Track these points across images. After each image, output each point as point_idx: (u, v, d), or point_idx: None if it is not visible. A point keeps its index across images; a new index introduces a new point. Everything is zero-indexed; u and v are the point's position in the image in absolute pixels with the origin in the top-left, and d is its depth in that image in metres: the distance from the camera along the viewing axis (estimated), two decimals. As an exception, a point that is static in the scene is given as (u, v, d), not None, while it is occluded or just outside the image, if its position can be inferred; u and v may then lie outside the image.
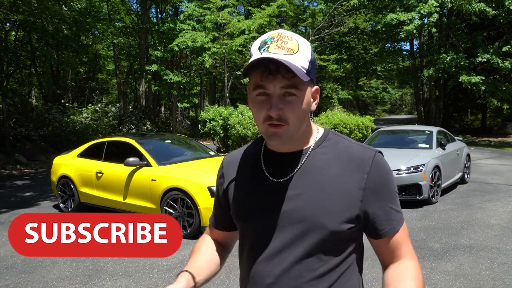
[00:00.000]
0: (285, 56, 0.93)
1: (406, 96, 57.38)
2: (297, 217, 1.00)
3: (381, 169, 1.03)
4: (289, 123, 0.96)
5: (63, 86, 23.90)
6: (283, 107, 0.95)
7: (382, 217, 1.03)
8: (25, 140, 15.02)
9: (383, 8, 20.07)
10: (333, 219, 0.99)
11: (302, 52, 0.96)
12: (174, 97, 20.67)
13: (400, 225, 1.05)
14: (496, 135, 20.84)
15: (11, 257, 4.64)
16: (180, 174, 5.41)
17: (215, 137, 12.35)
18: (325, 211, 0.99)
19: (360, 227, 1.04)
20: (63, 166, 6.84)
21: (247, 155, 1.14)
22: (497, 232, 5.16)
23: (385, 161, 1.05)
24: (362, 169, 1.01)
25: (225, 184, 1.16)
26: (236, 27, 16.43)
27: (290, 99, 0.95)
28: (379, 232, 1.04)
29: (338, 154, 1.04)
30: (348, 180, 1.01)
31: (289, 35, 0.97)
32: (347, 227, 1.00)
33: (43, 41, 14.93)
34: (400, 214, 1.06)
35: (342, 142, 1.07)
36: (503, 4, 16.11)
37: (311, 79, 0.98)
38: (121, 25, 25.14)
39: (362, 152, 1.04)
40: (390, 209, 1.03)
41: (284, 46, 0.95)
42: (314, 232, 0.99)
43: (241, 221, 1.10)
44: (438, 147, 7.55)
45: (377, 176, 1.01)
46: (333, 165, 1.02)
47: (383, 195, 1.02)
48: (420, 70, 20.98)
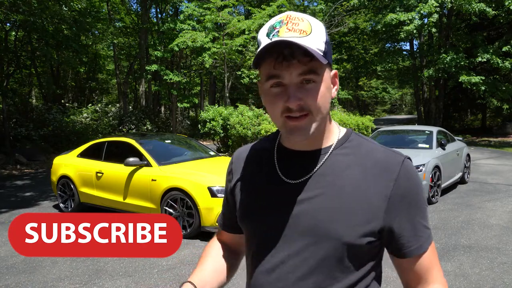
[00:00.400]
0: (299, 38, 0.82)
1: (406, 96, 57.38)
2: (308, 225, 0.88)
3: (411, 177, 0.90)
4: (312, 112, 0.85)
5: (63, 86, 23.90)
6: (303, 96, 0.84)
7: (409, 232, 0.89)
8: (25, 140, 15.02)
9: (383, 8, 20.06)
10: (351, 230, 0.86)
11: (316, 32, 0.85)
12: (174, 97, 20.67)
13: (428, 244, 0.91)
14: (496, 135, 20.84)
15: (11, 257, 4.64)
16: (180, 174, 5.41)
17: (215, 137, 12.35)
18: (341, 220, 0.87)
19: (382, 242, 0.91)
20: (63, 166, 6.84)
21: (259, 151, 1.03)
22: (497, 232, 5.17)
23: (414, 169, 0.93)
24: (388, 176, 0.88)
25: (233, 181, 1.05)
26: (236, 27, 16.42)
27: (310, 86, 0.84)
28: (405, 250, 0.90)
29: (361, 157, 0.92)
30: (372, 186, 0.88)
31: (300, 16, 0.86)
32: (366, 240, 0.87)
33: (43, 41, 14.93)
34: (429, 230, 0.92)
35: (366, 145, 0.95)
36: (503, 4, 16.11)
37: (329, 62, 0.87)
38: (121, 25, 25.14)
39: (389, 156, 0.91)
40: (419, 224, 0.90)
41: (295, 28, 0.84)
42: (326, 244, 0.87)
43: (245, 223, 1.00)
44: (438, 147, 7.55)
45: (406, 184, 0.89)
46: (354, 168, 0.90)
47: (411, 206, 0.89)
48: (420, 70, 20.99)
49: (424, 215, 0.92)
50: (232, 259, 1.13)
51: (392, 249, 0.92)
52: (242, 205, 1.00)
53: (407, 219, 0.89)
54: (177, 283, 3.82)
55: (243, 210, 1.00)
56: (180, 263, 4.34)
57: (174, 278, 3.95)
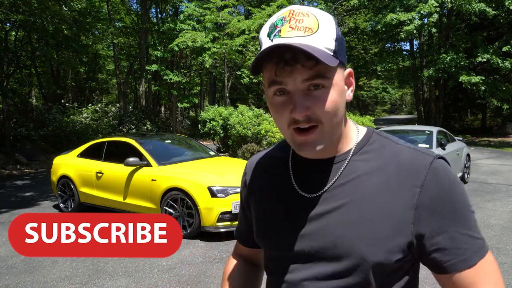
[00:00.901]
0: (303, 38, 0.72)
1: (406, 96, 57.41)
2: (326, 242, 0.79)
3: (442, 179, 0.76)
4: (322, 122, 0.75)
5: (63, 86, 23.91)
6: (311, 104, 0.74)
7: (444, 244, 0.75)
8: (25, 140, 15.03)
9: (383, 8, 20.07)
10: (375, 248, 0.76)
11: (324, 29, 0.74)
12: (174, 97, 20.68)
13: (478, 257, 0.75)
14: (496, 135, 20.85)
15: (11, 257, 4.64)
16: (180, 174, 5.41)
17: (215, 137, 12.35)
18: (364, 237, 0.76)
19: (413, 257, 0.79)
20: (63, 166, 6.84)
21: (272, 160, 0.93)
22: (497, 232, 5.16)
23: (448, 170, 0.78)
24: (413, 181, 0.76)
25: (247, 194, 0.97)
26: (236, 27, 16.43)
27: (318, 93, 0.74)
28: (442, 265, 0.76)
29: (383, 162, 0.80)
30: (396, 195, 0.77)
31: (304, 11, 0.75)
32: (395, 258, 0.76)
33: (43, 41, 14.94)
34: (479, 241, 0.77)
35: (390, 146, 0.82)
36: (503, 4, 16.11)
37: (341, 62, 0.77)
38: (121, 25, 25.15)
39: (415, 158, 0.79)
40: (458, 234, 0.75)
41: (299, 25, 0.73)
42: (349, 263, 0.77)
43: (261, 239, 0.91)
44: (438, 147, 7.54)
45: (435, 189, 0.76)
46: (377, 175, 0.79)
47: (445, 214, 0.75)
48: (420, 70, 21.00)
49: (467, 224, 0.76)
50: (254, 273, 1.05)
51: (428, 264, 0.79)
52: (258, 221, 0.92)
53: (441, 230, 0.75)
54: (177, 283, 3.83)
55: (259, 226, 0.92)
56: (180, 263, 4.34)
57: (174, 278, 3.95)
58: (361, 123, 14.07)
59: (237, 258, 1.07)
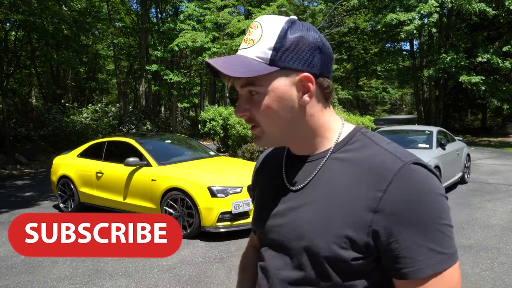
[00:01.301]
0: (244, 50, 0.82)
1: (406, 96, 57.40)
2: (296, 235, 0.83)
3: (409, 187, 0.74)
4: (260, 124, 0.84)
5: (63, 86, 23.91)
6: (249, 107, 0.83)
7: (399, 252, 0.74)
8: (25, 140, 15.03)
9: (383, 8, 20.06)
10: (329, 243, 0.78)
11: (264, 39, 0.80)
12: (174, 97, 20.68)
13: (431, 270, 0.73)
14: (496, 135, 20.84)
15: (11, 257, 4.64)
16: (180, 174, 5.41)
17: (215, 137, 12.35)
18: (322, 232, 0.79)
19: (375, 260, 0.79)
20: (63, 166, 6.84)
21: (276, 154, 1.00)
22: (497, 232, 5.16)
23: (421, 178, 0.75)
24: (378, 185, 0.76)
25: (254, 185, 1.06)
26: (236, 27, 16.42)
27: (255, 97, 0.82)
28: (395, 271, 0.76)
29: (359, 163, 0.81)
30: (361, 197, 0.77)
31: (257, 22, 0.83)
32: (350, 256, 0.77)
33: (43, 41, 14.94)
34: (440, 255, 0.73)
35: (370, 147, 0.82)
36: (503, 4, 16.11)
37: (286, 68, 0.80)
38: (121, 25, 25.15)
39: (386, 161, 0.78)
40: (415, 245, 0.73)
41: (248, 38, 0.83)
42: (310, 256, 0.81)
43: (255, 228, 0.98)
44: (438, 147, 7.54)
45: (399, 196, 0.74)
46: (348, 176, 0.80)
47: (406, 223, 0.73)
48: (420, 70, 20.99)
49: (429, 236, 0.73)
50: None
51: (385, 268, 0.79)
52: (255, 209, 1.01)
53: (398, 239, 0.74)
54: (177, 283, 3.83)
55: (254, 213, 1.00)
56: (180, 263, 4.34)
57: (174, 278, 3.95)
58: (361, 123, 14.05)
59: (250, 249, 1.14)
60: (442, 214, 0.75)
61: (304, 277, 0.82)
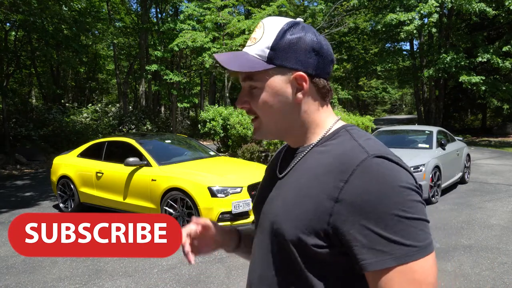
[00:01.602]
0: (248, 47, 0.91)
1: (406, 96, 57.39)
2: (269, 220, 0.91)
3: (370, 178, 0.76)
4: (259, 116, 0.92)
5: (63, 86, 23.90)
6: (249, 100, 0.91)
7: (361, 243, 0.75)
8: (25, 140, 15.03)
9: (383, 8, 20.07)
10: (294, 228, 0.82)
11: (264, 39, 0.88)
12: (174, 97, 20.68)
13: (395, 262, 0.73)
14: (496, 135, 20.84)
15: (11, 257, 4.64)
16: (180, 174, 5.41)
17: (215, 137, 12.34)
18: (288, 217, 0.84)
19: (342, 253, 0.79)
20: (63, 166, 6.84)
21: (282, 147, 1.09)
22: (497, 232, 5.16)
23: (383, 170, 0.77)
24: (341, 176, 0.78)
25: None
26: (236, 27, 16.41)
27: (254, 91, 0.90)
28: (358, 262, 0.76)
29: (333, 155, 0.84)
30: (323, 186, 0.80)
31: (261, 23, 0.90)
32: (311, 242, 0.79)
33: (43, 41, 14.96)
34: (403, 247, 0.73)
35: (349, 142, 0.85)
36: (503, 4, 16.11)
37: (282, 66, 0.86)
38: (121, 25, 25.15)
39: (351, 153, 0.81)
40: (376, 236, 0.73)
41: (252, 36, 0.91)
42: (279, 240, 0.86)
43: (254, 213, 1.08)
44: (438, 147, 7.55)
45: (359, 186, 0.76)
46: (322, 166, 0.84)
47: (366, 214, 0.74)
48: (420, 70, 20.98)
49: (390, 227, 0.73)
50: None
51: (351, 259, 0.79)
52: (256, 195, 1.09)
53: (360, 228, 0.75)
54: (177, 283, 3.83)
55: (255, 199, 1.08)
56: (180, 263, 4.34)
57: (174, 278, 3.95)
58: (361, 123, 14.05)
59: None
60: (404, 207, 0.74)
61: (275, 259, 0.88)
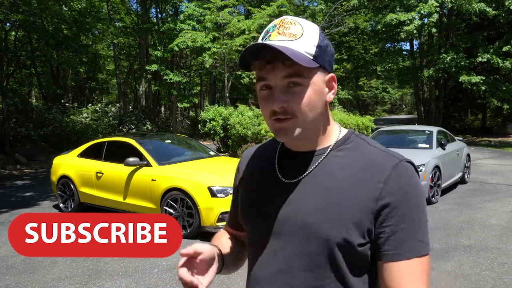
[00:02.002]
0: (286, 42, 0.85)
1: (406, 96, 57.38)
2: (298, 224, 0.89)
3: (402, 180, 0.86)
4: (297, 116, 0.86)
5: (63, 86, 23.90)
6: (288, 99, 0.85)
7: (390, 236, 0.85)
8: (25, 140, 15.03)
9: (383, 8, 20.06)
10: (338, 230, 0.85)
11: (307, 36, 0.86)
12: (174, 97, 20.68)
13: (410, 255, 0.84)
14: (496, 135, 20.84)
15: (11, 257, 4.64)
16: (180, 174, 5.41)
17: (215, 137, 12.34)
18: (329, 219, 0.86)
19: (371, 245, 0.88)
20: (63, 166, 6.84)
21: (265, 150, 1.06)
22: (497, 232, 5.16)
23: (410, 173, 0.88)
24: (378, 177, 0.86)
25: (238, 179, 1.09)
26: (236, 27, 16.41)
27: (296, 89, 0.85)
28: (381, 252, 0.86)
29: (356, 159, 0.91)
30: (362, 188, 0.86)
31: (293, 20, 0.88)
32: (356, 241, 0.85)
33: (43, 41, 14.95)
34: (420, 243, 0.85)
35: (363, 147, 0.93)
36: (503, 4, 16.10)
37: (322, 66, 0.88)
38: (121, 25, 25.14)
39: (383, 158, 0.89)
40: (402, 231, 0.84)
41: (285, 32, 0.86)
42: (316, 242, 0.87)
43: (245, 219, 1.02)
44: (438, 147, 7.54)
45: (395, 188, 0.85)
46: (347, 170, 0.89)
47: (399, 211, 0.84)
48: (420, 70, 20.97)
49: (414, 225, 0.85)
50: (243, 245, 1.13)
51: (372, 249, 0.88)
52: (244, 202, 1.04)
53: (389, 224, 0.85)
54: (177, 283, 3.83)
55: (243, 206, 1.04)
56: (180, 263, 4.33)
57: (174, 278, 3.95)
58: (361, 123, 14.05)
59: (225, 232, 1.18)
60: (423, 208, 0.88)
61: (311, 262, 0.88)
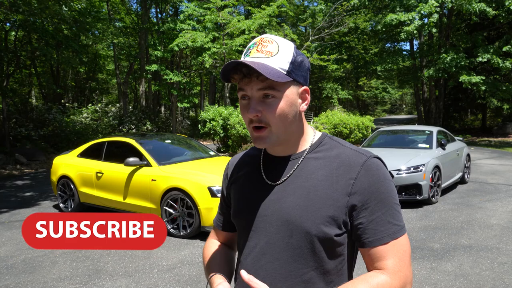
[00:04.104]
0: (262, 59, 0.96)
1: (406, 96, 57.40)
2: (281, 220, 1.00)
3: (372, 174, 0.98)
4: (270, 125, 0.98)
5: (63, 86, 23.89)
6: (262, 109, 0.96)
7: (367, 225, 0.97)
8: (25, 140, 15.03)
9: (383, 8, 20.07)
10: (316, 224, 0.97)
11: (281, 53, 0.97)
12: (174, 97, 20.68)
13: (390, 238, 0.97)
14: (496, 135, 20.85)
15: (11, 257, 4.64)
16: (180, 174, 5.40)
17: (215, 137, 12.35)
18: (308, 215, 0.97)
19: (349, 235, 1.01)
20: (63, 166, 6.84)
21: (249, 157, 1.17)
22: (497, 232, 5.16)
23: (379, 167, 1.01)
24: (349, 174, 0.98)
25: (227, 185, 1.20)
26: (236, 27, 16.42)
27: (269, 101, 0.96)
28: (362, 240, 0.99)
29: (329, 160, 1.02)
30: (336, 185, 0.98)
31: (271, 39, 0.99)
32: (333, 233, 0.97)
33: (43, 41, 14.94)
34: (395, 227, 0.98)
35: (337, 148, 1.05)
36: (503, 4, 16.12)
37: (295, 80, 0.99)
38: (121, 25, 25.16)
39: (353, 156, 1.01)
40: (378, 219, 0.97)
41: (263, 49, 0.97)
42: (298, 236, 0.98)
43: (236, 219, 1.13)
44: (438, 147, 7.54)
45: (366, 182, 0.97)
46: (322, 170, 1.01)
47: (371, 202, 0.97)
48: (420, 70, 20.99)
49: (388, 212, 0.98)
50: (231, 253, 1.26)
51: (354, 239, 1.01)
52: (234, 204, 1.14)
53: (367, 214, 0.97)
54: (177, 283, 3.83)
55: (235, 207, 1.14)
56: (180, 263, 4.34)
57: (174, 278, 3.95)
58: (361, 123, 14.06)
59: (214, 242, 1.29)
60: (394, 195, 1.01)
61: (294, 254, 0.99)
